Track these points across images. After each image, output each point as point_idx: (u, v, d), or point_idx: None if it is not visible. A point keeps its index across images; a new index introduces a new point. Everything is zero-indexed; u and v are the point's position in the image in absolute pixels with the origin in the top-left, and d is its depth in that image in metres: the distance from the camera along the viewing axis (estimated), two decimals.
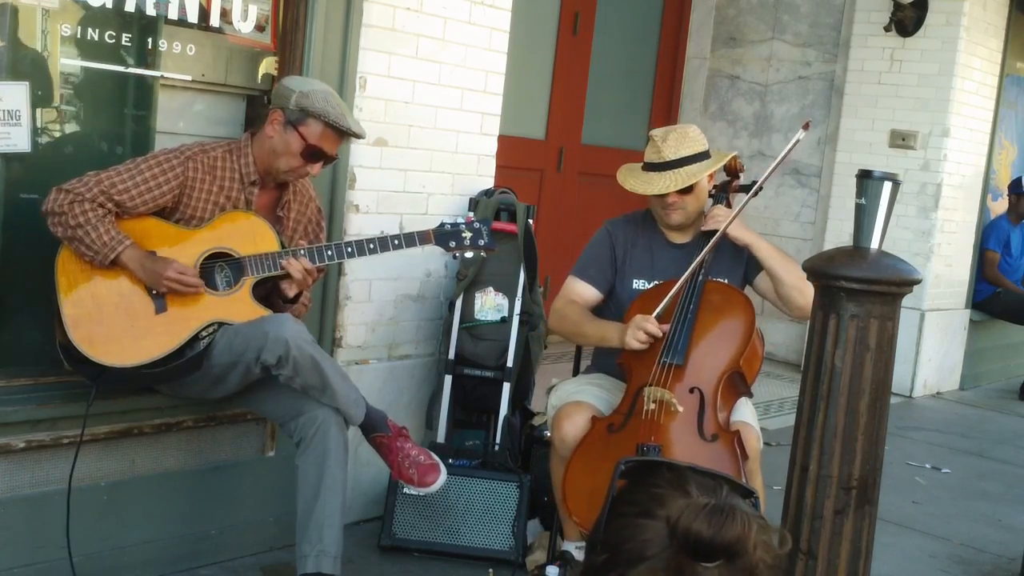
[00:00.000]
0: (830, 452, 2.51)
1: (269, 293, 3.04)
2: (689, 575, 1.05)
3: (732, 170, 3.34)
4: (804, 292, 3.15)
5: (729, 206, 3.35)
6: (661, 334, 3.02)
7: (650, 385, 3.00)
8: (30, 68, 2.93)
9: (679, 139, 3.17)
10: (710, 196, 3.32)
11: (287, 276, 2.97)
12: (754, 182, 3.37)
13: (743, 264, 3.27)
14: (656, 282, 3.24)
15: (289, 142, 2.94)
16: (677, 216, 3.23)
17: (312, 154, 2.95)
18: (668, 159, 3.15)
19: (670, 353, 3.03)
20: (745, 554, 1.05)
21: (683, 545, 1.05)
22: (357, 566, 3.38)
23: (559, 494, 3.15)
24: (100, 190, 2.78)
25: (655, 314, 3.02)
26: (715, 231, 3.16)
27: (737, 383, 3.11)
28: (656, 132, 3.22)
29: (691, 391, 3.02)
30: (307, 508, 2.87)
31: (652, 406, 2.98)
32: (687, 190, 3.17)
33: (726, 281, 3.23)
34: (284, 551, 3.29)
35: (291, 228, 3.12)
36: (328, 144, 2.97)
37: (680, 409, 2.98)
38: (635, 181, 3.20)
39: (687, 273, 3.07)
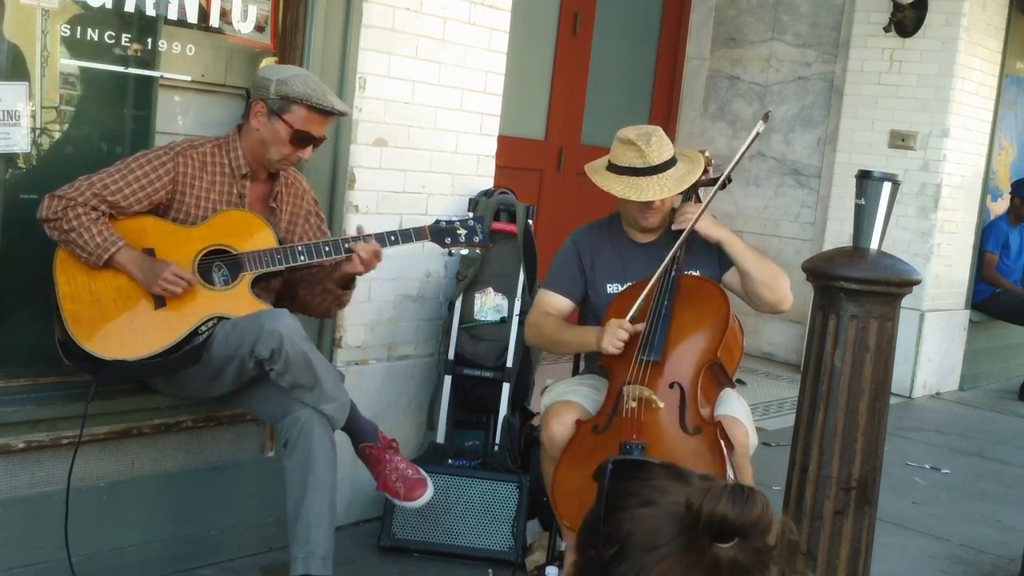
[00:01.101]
0: (830, 452, 2.52)
1: (320, 282, 3.07)
2: (708, 557, 1.06)
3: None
4: (774, 288, 3.16)
5: (698, 200, 3.34)
6: (627, 335, 3.00)
7: (630, 384, 3.01)
8: (30, 69, 2.93)
9: (660, 142, 3.15)
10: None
11: (280, 273, 2.99)
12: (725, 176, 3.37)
13: (715, 257, 3.27)
14: (629, 283, 3.24)
15: (276, 131, 2.95)
16: (656, 219, 3.24)
17: (300, 139, 2.97)
18: (654, 163, 3.12)
19: (647, 350, 3.03)
20: (766, 532, 1.07)
21: (707, 528, 1.06)
22: (357, 566, 3.38)
23: (550, 495, 3.15)
24: (93, 193, 2.79)
25: (629, 316, 3.03)
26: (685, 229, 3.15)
27: (718, 375, 3.12)
28: (631, 134, 3.15)
29: (671, 386, 3.02)
30: (295, 510, 2.87)
31: (633, 404, 2.99)
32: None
33: (698, 274, 3.23)
34: (283, 551, 3.27)
35: (286, 220, 3.12)
36: (314, 127, 2.98)
37: (661, 405, 2.98)
38: (621, 187, 3.15)
39: (659, 271, 3.06)
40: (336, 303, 3.16)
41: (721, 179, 3.20)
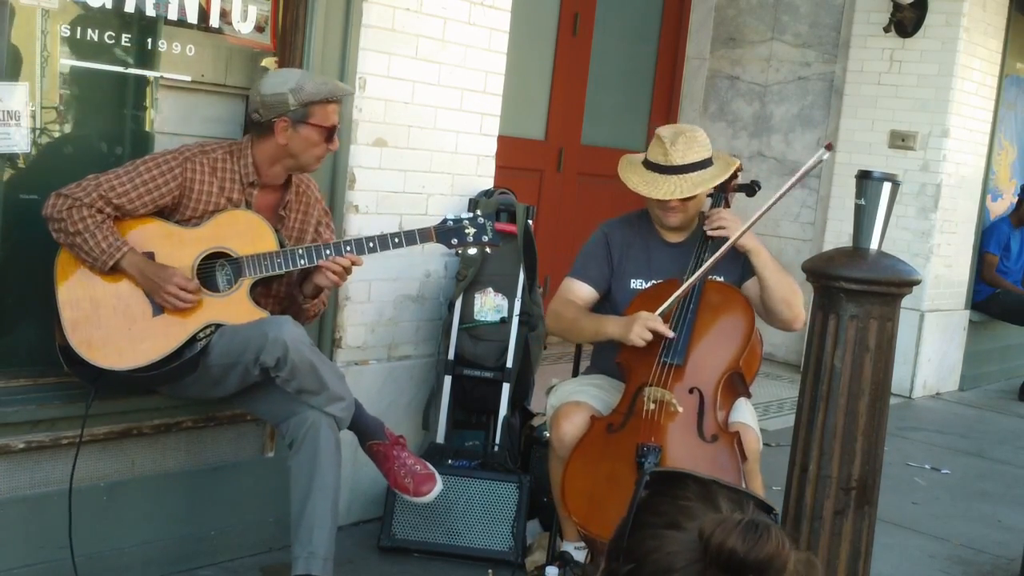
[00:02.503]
0: (830, 453, 2.52)
1: (290, 288, 3.06)
2: None
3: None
4: (791, 306, 3.16)
5: (727, 206, 3.35)
6: (671, 335, 3.01)
7: (650, 385, 3.00)
8: (30, 69, 2.93)
9: (688, 143, 3.14)
10: (708, 196, 3.32)
11: (281, 276, 2.98)
12: (753, 182, 3.38)
13: (740, 264, 3.26)
14: (654, 281, 3.24)
15: (307, 137, 2.96)
16: (676, 220, 3.23)
17: (330, 134, 3.01)
18: (675, 164, 3.12)
19: (670, 353, 3.02)
20: (780, 571, 1.03)
21: (715, 560, 1.03)
22: (357, 567, 3.38)
23: (558, 494, 3.14)
24: (99, 194, 2.78)
25: (659, 312, 3.02)
26: (717, 235, 3.14)
27: (736, 383, 3.11)
28: (664, 132, 3.17)
29: (691, 391, 3.02)
30: (299, 509, 2.87)
31: (652, 406, 2.98)
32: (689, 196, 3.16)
33: (722, 279, 3.22)
34: (283, 552, 3.28)
35: (296, 228, 3.11)
36: (334, 117, 3.03)
37: (680, 409, 2.98)
38: (638, 180, 3.17)
39: (692, 279, 3.05)
40: (302, 314, 3.10)
41: (769, 204, 3.14)
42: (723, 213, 3.21)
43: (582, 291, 3.30)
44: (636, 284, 3.29)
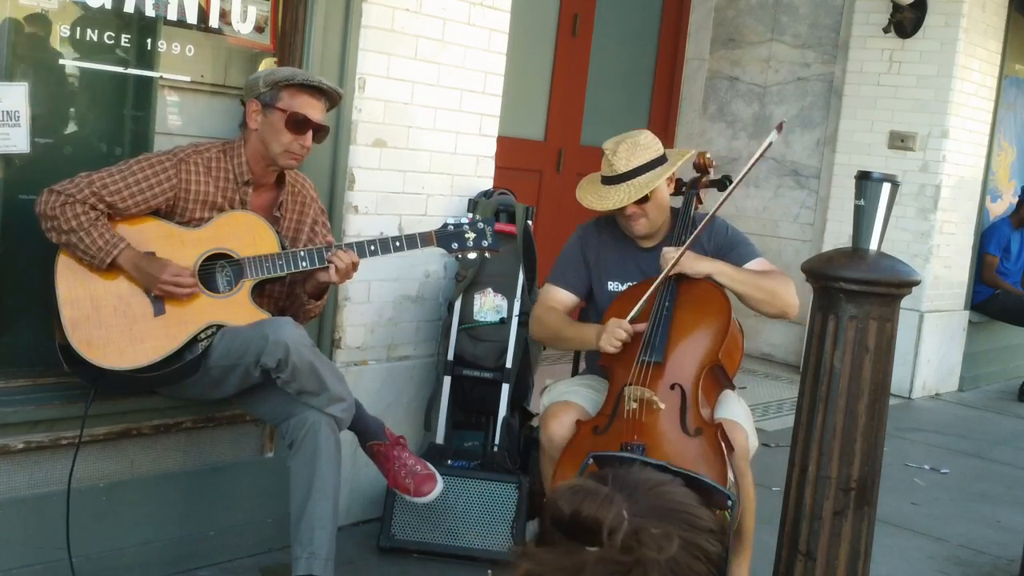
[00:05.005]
0: (829, 453, 2.52)
1: (292, 287, 3.06)
2: (576, 558, 1.11)
3: (701, 167, 3.33)
4: (773, 303, 3.16)
5: (700, 202, 3.34)
6: (632, 337, 3.02)
7: (631, 384, 3.01)
8: (30, 69, 2.93)
9: (630, 149, 3.16)
10: (681, 193, 3.32)
11: (282, 279, 2.98)
12: (725, 176, 3.37)
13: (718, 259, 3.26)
14: (629, 284, 3.25)
15: (273, 122, 2.94)
16: (640, 227, 3.23)
17: (297, 123, 2.93)
18: (620, 172, 3.15)
19: (648, 351, 3.04)
20: (608, 535, 1.09)
21: (552, 519, 1.12)
22: (356, 567, 3.38)
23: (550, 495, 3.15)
24: (92, 191, 2.77)
25: (629, 317, 3.03)
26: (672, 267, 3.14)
27: (718, 376, 3.12)
28: (607, 144, 3.20)
29: (672, 388, 3.03)
30: (299, 510, 2.87)
31: (634, 405, 2.99)
32: (644, 199, 3.16)
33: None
34: (283, 552, 3.28)
35: (292, 229, 3.11)
36: (308, 109, 2.95)
37: (662, 406, 2.99)
38: (592, 197, 3.20)
39: (655, 285, 3.06)
40: (303, 313, 3.11)
41: (714, 208, 3.17)
42: (664, 251, 3.18)
43: (563, 297, 3.32)
44: (613, 286, 3.31)
